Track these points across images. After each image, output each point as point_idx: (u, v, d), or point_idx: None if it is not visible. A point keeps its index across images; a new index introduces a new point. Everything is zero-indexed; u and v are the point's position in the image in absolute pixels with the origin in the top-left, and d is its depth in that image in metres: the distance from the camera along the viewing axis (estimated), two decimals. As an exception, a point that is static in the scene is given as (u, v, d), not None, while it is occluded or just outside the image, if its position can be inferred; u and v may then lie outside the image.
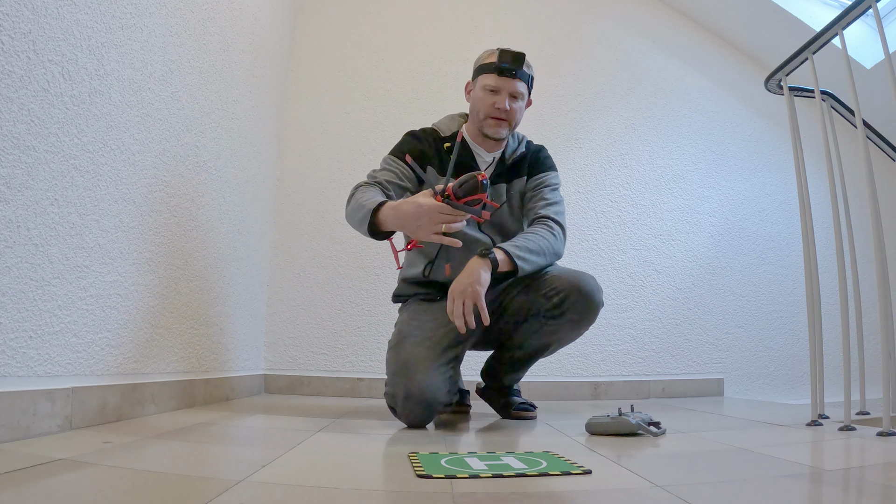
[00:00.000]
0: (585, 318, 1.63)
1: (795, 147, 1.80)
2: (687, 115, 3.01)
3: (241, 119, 2.15)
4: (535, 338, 1.68)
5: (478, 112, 1.70)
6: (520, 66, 1.65)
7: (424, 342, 1.57)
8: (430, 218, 1.39)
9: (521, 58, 1.65)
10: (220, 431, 1.34)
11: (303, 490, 0.80)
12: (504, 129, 1.69)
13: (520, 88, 1.67)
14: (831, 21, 1.60)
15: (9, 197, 1.04)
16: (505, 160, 1.74)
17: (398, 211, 1.44)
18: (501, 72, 1.64)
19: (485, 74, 1.67)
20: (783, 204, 3.03)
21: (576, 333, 1.67)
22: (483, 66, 1.69)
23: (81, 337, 1.26)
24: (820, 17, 2.81)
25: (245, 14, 2.14)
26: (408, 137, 1.75)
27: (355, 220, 1.56)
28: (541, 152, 1.81)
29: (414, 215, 1.41)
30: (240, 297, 2.21)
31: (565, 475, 0.90)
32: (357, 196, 1.58)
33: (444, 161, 1.71)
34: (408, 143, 1.73)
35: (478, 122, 1.71)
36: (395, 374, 1.54)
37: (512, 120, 1.69)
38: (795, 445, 1.24)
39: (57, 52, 1.13)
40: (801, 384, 2.86)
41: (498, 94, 1.66)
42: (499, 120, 1.67)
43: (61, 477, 0.80)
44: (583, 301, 1.59)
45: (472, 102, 1.73)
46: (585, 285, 1.60)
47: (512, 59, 1.64)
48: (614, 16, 3.02)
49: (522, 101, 1.70)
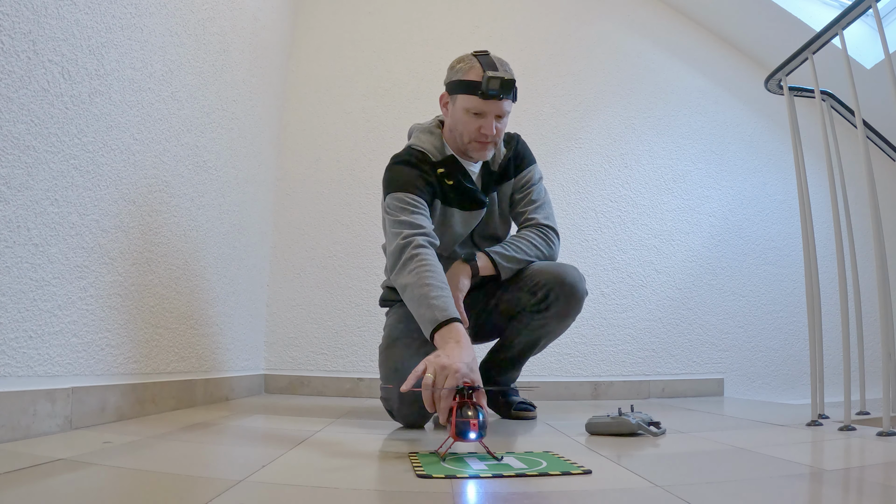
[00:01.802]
0: (571, 310, 1.62)
1: (795, 147, 1.80)
2: (687, 115, 3.01)
3: (241, 119, 2.15)
4: (524, 334, 1.68)
5: (461, 134, 1.56)
6: (508, 92, 1.49)
7: (414, 343, 1.55)
8: (444, 385, 1.12)
9: (511, 85, 1.48)
10: (220, 431, 1.34)
11: (303, 490, 0.80)
12: (490, 150, 1.59)
13: (506, 108, 1.53)
14: (831, 21, 1.60)
15: (9, 197, 1.04)
16: (491, 168, 1.67)
17: (444, 349, 1.21)
18: (487, 97, 1.49)
19: (467, 95, 1.51)
20: (783, 204, 3.02)
21: (564, 325, 1.67)
22: (465, 84, 1.51)
23: (81, 337, 1.26)
24: (820, 17, 2.81)
25: (245, 14, 2.14)
26: (405, 169, 1.55)
27: (411, 302, 1.36)
28: (518, 145, 1.72)
29: (443, 367, 1.13)
30: (240, 297, 2.21)
31: (565, 475, 0.89)
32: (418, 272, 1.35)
33: (444, 188, 1.59)
34: (410, 174, 1.54)
35: (461, 143, 1.58)
36: (387, 377, 1.54)
37: (497, 139, 1.58)
38: (795, 445, 1.24)
39: (57, 52, 1.13)
40: (801, 384, 2.86)
41: (483, 117, 1.52)
42: (484, 143, 1.56)
43: (61, 477, 0.80)
44: (567, 293, 1.59)
45: (451, 120, 1.58)
46: (568, 277, 1.59)
47: (500, 87, 1.47)
48: (614, 16, 3.02)
49: (508, 115, 1.57)
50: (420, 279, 1.34)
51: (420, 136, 1.64)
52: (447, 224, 1.62)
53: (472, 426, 0.99)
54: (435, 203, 1.58)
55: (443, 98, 1.61)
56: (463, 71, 1.53)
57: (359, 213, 2.66)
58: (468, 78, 1.51)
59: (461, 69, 1.54)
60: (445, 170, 1.59)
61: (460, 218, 1.63)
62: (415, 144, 1.62)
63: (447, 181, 1.58)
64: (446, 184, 1.59)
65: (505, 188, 1.71)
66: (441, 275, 1.37)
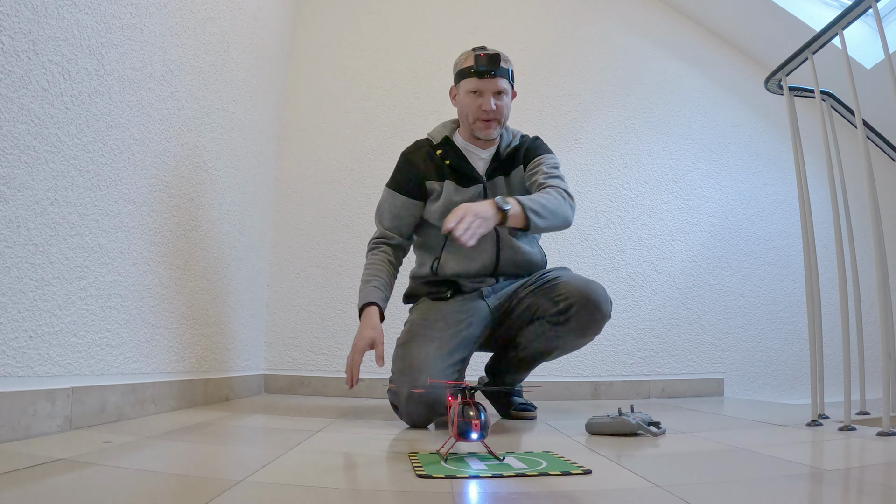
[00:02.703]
0: (590, 328, 1.62)
1: (795, 147, 1.80)
2: (687, 115, 3.01)
3: (241, 119, 2.15)
4: (538, 341, 1.68)
5: (466, 116, 1.72)
6: (497, 66, 1.66)
7: (433, 342, 1.58)
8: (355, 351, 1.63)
9: (497, 58, 1.66)
10: (220, 431, 1.34)
11: (303, 490, 0.80)
12: (494, 128, 1.71)
13: (502, 85, 1.68)
14: (831, 21, 1.60)
15: (9, 197, 1.04)
16: (500, 154, 1.77)
17: (361, 328, 1.66)
18: (481, 74, 1.66)
19: (465, 79, 1.70)
20: (783, 204, 3.02)
21: (580, 342, 1.67)
22: (462, 71, 1.71)
23: (81, 337, 1.26)
24: (820, 17, 2.81)
25: (245, 14, 2.14)
26: (401, 163, 1.81)
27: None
28: (536, 140, 1.83)
29: (356, 338, 1.65)
30: (240, 297, 2.21)
31: (565, 475, 0.89)
32: (365, 267, 1.80)
33: (441, 169, 1.74)
34: (400, 170, 1.79)
35: (468, 125, 1.74)
36: (400, 373, 1.55)
37: (500, 117, 1.71)
38: (795, 445, 1.24)
39: (57, 52, 1.13)
40: (801, 384, 2.86)
41: (482, 95, 1.68)
42: (487, 121, 1.69)
43: (61, 477, 0.80)
44: (589, 311, 1.59)
45: (458, 107, 1.76)
46: (593, 294, 1.59)
47: (488, 62, 1.65)
48: (614, 16, 3.02)
49: (507, 95, 1.72)
50: (365, 273, 1.77)
51: (435, 127, 1.85)
52: (444, 195, 1.73)
53: (473, 426, 0.99)
54: (430, 184, 1.75)
55: (451, 92, 1.79)
56: (461, 62, 1.74)
57: (359, 213, 2.66)
58: (465, 65, 1.71)
59: (459, 62, 1.75)
60: (442, 151, 1.77)
61: (455, 190, 1.73)
62: (428, 133, 1.84)
63: (445, 161, 1.75)
64: (445, 164, 1.75)
65: (516, 175, 1.77)
66: (378, 271, 1.76)
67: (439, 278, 1.76)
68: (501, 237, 1.74)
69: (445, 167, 1.74)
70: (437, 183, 1.74)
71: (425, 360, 1.54)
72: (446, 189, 1.73)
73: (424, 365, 1.53)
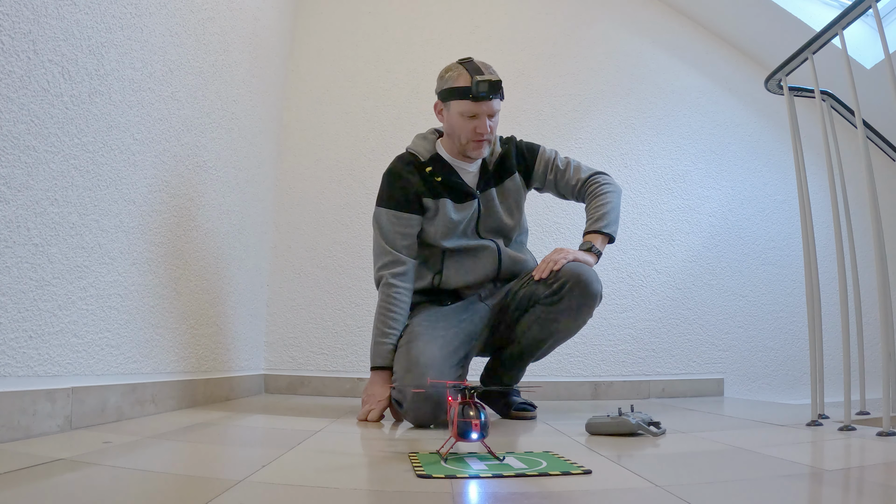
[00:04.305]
0: (583, 306, 1.63)
1: (795, 147, 1.80)
2: (687, 115, 3.01)
3: (241, 119, 2.15)
4: (533, 329, 1.69)
5: (458, 136, 1.69)
6: (496, 92, 1.61)
7: (436, 341, 1.60)
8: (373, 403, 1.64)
9: (498, 85, 1.61)
10: (220, 431, 1.34)
11: (303, 490, 0.80)
12: (486, 147, 1.71)
13: (496, 107, 1.66)
14: (831, 21, 1.60)
15: (9, 197, 1.04)
16: (487, 166, 1.77)
17: (377, 386, 1.65)
18: (479, 100, 1.62)
19: (460, 101, 1.64)
20: (783, 204, 3.02)
21: (574, 324, 1.68)
22: (455, 91, 1.64)
23: (81, 337, 1.26)
24: (820, 17, 2.81)
25: (245, 14, 2.14)
26: (392, 181, 1.73)
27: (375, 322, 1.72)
28: (520, 142, 1.83)
29: (366, 396, 1.67)
30: (240, 297, 2.21)
31: (565, 475, 0.89)
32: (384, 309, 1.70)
33: (434, 187, 1.72)
34: (393, 188, 1.72)
35: (459, 144, 1.71)
36: (405, 371, 1.55)
37: (493, 136, 1.71)
38: (795, 445, 1.24)
39: (57, 52, 1.13)
40: (801, 384, 2.86)
41: (477, 119, 1.64)
42: (481, 142, 1.68)
43: (61, 477, 0.80)
44: (581, 287, 1.61)
45: (448, 126, 1.72)
46: (584, 274, 1.62)
47: (489, 89, 1.60)
48: (614, 16, 3.02)
49: (498, 113, 1.69)
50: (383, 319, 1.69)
51: (415, 141, 1.80)
52: (442, 213, 1.72)
53: (473, 426, 0.99)
54: (426, 201, 1.72)
55: (437, 106, 1.73)
56: (452, 79, 1.66)
57: (359, 213, 2.66)
58: (458, 84, 1.64)
59: (450, 77, 1.66)
60: (433, 168, 1.73)
61: (454, 208, 1.73)
62: (409, 148, 1.79)
63: (436, 178, 1.72)
64: (436, 180, 1.72)
65: (509, 183, 1.78)
66: (397, 313, 1.69)
67: (440, 289, 1.80)
68: (502, 250, 1.79)
69: (438, 185, 1.72)
70: (433, 201, 1.72)
71: (430, 359, 1.55)
72: (442, 207, 1.72)
73: (430, 363, 1.54)
